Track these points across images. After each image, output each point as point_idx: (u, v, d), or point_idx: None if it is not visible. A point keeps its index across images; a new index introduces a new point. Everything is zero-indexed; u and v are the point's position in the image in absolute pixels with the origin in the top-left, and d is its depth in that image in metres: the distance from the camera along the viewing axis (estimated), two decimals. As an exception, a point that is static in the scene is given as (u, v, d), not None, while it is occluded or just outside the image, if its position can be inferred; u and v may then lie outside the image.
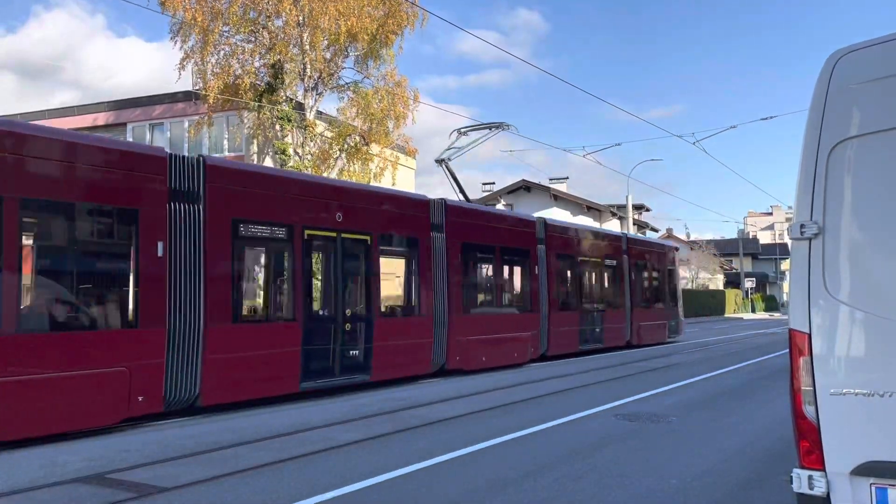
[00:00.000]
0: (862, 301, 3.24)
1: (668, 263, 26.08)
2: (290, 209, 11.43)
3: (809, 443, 3.29)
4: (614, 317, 21.58)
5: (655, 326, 23.97)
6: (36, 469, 6.79)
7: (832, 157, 3.36)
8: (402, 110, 26.66)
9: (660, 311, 24.83)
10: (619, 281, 22.10)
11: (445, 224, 14.88)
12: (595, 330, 20.27)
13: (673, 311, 25.91)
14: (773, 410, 9.82)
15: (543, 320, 17.89)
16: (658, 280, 25.43)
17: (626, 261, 22.45)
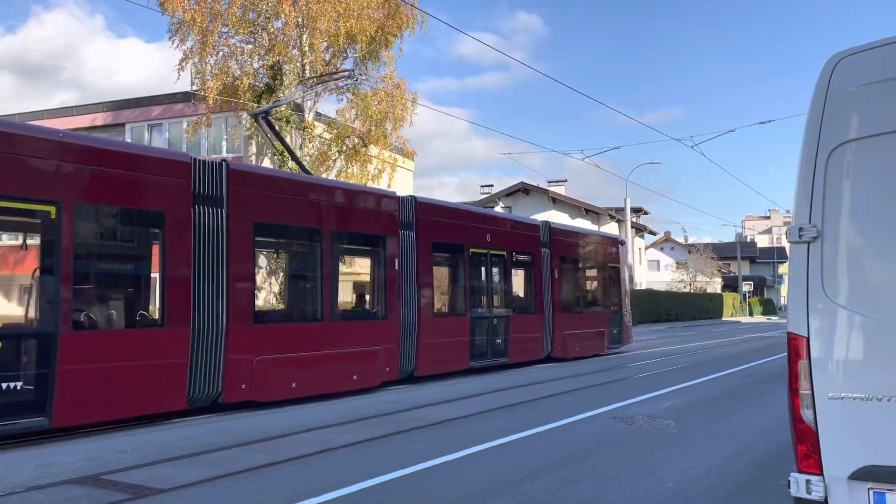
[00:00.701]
0: (860, 305, 3.23)
1: (610, 259, 22.25)
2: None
3: (807, 447, 3.27)
4: (527, 324, 17.64)
5: (589, 335, 20.25)
6: (32, 469, 6.76)
7: (831, 160, 3.36)
8: (400, 112, 26.68)
9: (596, 317, 20.99)
10: (536, 280, 18.09)
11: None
12: (496, 341, 16.29)
13: (616, 316, 22.12)
14: (771, 414, 9.81)
15: (408, 330, 13.68)
16: (595, 279, 21.99)
17: (547, 255, 18.53)
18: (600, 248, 22.01)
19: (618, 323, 22.11)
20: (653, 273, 70.69)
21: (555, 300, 18.61)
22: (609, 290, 21.98)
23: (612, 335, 21.62)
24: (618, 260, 22.59)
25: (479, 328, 15.83)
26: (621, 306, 22.49)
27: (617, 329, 21.97)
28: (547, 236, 18.76)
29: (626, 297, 23.06)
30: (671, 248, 79.68)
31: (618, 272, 22.51)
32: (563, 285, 19.41)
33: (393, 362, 13.18)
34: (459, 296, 15.71)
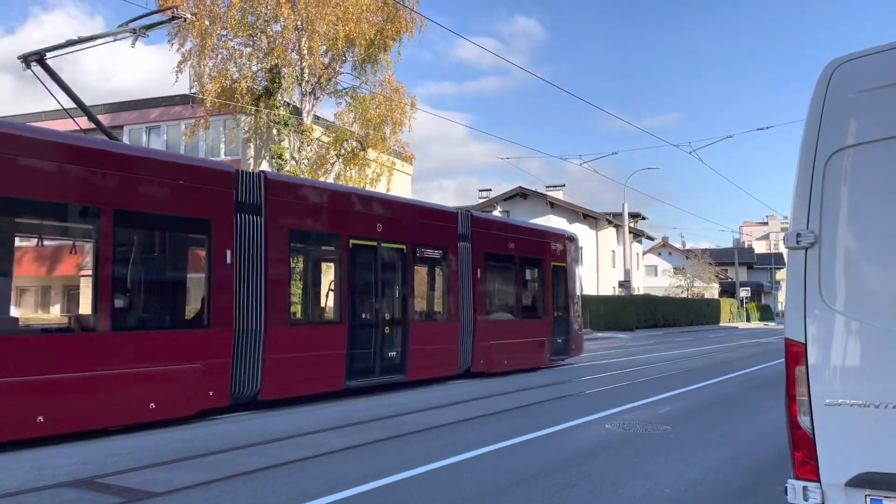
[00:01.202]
0: (858, 311, 3.22)
1: (555, 257, 19.11)
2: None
3: (804, 453, 3.27)
4: (436, 333, 14.77)
5: (524, 346, 17.37)
6: (26, 472, 6.73)
7: (829, 166, 3.36)
8: (399, 116, 26.69)
9: (534, 325, 18.04)
10: (451, 280, 15.10)
11: None
12: (388, 354, 13.21)
13: (561, 323, 19.13)
14: (768, 420, 9.81)
15: (247, 342, 10.54)
16: (534, 280, 18.75)
17: (467, 250, 15.55)
18: (542, 244, 18.95)
19: (563, 331, 19.12)
20: (650, 278, 70.78)
21: (477, 304, 15.56)
22: (553, 293, 18.82)
23: (556, 345, 18.68)
24: (565, 258, 19.56)
25: (361, 339, 12.63)
26: (569, 311, 19.54)
27: (562, 338, 19.01)
28: (467, 228, 15.69)
29: (576, 301, 20.26)
30: (669, 253, 79.80)
31: (564, 272, 19.49)
32: (490, 287, 16.67)
33: (220, 383, 10.11)
34: (332, 299, 12.83)
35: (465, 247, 15.54)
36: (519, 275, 17.69)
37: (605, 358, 22.30)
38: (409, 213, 14.63)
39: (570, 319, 19.60)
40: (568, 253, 19.85)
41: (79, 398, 8.51)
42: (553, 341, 18.53)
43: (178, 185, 9.89)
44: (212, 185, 10.35)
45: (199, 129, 27.01)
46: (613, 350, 26.81)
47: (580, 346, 20.29)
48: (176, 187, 9.86)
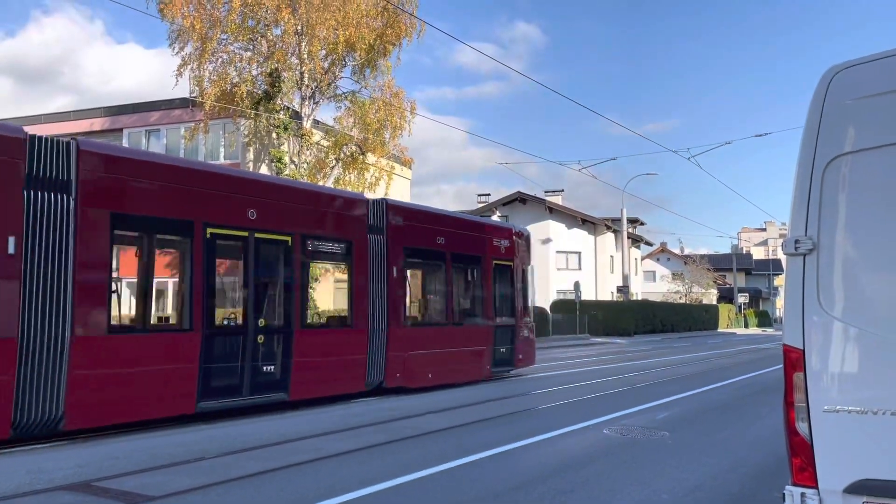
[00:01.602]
0: (856, 317, 3.23)
1: (499, 255, 16.79)
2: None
3: (802, 460, 3.26)
4: (332, 343, 12.45)
5: (457, 356, 14.97)
6: (22, 475, 6.71)
7: (827, 172, 3.36)
8: (398, 121, 26.71)
9: (471, 332, 15.74)
10: (356, 279, 12.68)
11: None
12: (263, 369, 10.79)
13: (505, 330, 16.72)
14: (766, 426, 9.80)
15: (40, 355, 8.23)
16: (471, 281, 16.35)
17: (379, 245, 13.17)
18: (482, 239, 16.52)
19: (508, 339, 16.77)
20: (649, 284, 70.79)
21: (392, 309, 13.22)
22: (495, 296, 16.58)
23: (500, 355, 16.39)
24: (512, 256, 17.20)
25: (222, 350, 10.43)
26: (516, 317, 17.20)
27: (507, 346, 16.68)
28: (381, 219, 13.34)
29: (526, 306, 18.00)
30: (667, 258, 79.84)
31: (510, 273, 17.16)
32: (411, 288, 14.89)
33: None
34: (179, 301, 10.44)
35: (378, 241, 13.14)
36: (450, 275, 15.10)
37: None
38: (298, 198, 12.07)
39: (518, 326, 17.17)
40: (516, 250, 17.46)
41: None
42: (495, 351, 16.18)
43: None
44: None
45: (199, 133, 27.04)
46: (606, 356, 26.79)
47: (530, 356, 17.98)
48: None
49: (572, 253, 53.81)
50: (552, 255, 52.77)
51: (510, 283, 17.22)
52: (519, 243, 17.83)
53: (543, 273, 52.46)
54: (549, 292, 50.42)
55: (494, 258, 16.60)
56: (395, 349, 13.30)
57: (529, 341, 18.04)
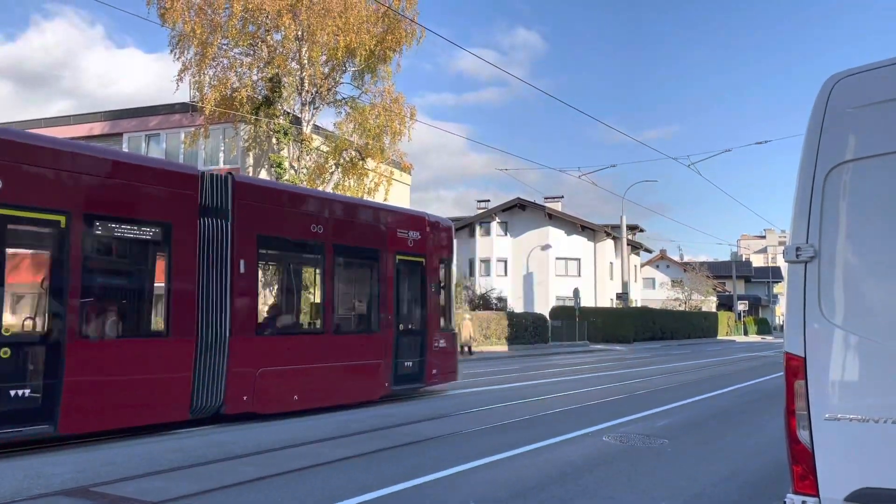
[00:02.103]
0: (857, 325, 3.22)
1: (403, 249, 13.85)
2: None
3: (803, 468, 3.25)
4: (137, 358, 9.42)
5: (337, 373, 12.13)
6: (20, 479, 6.69)
7: (828, 180, 3.36)
8: (398, 127, 26.73)
9: (359, 342, 12.97)
10: (180, 275, 10.04)
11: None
12: (12, 394, 7.95)
13: (413, 339, 14.03)
14: (766, 434, 9.78)
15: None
16: (362, 280, 13.80)
17: (219, 233, 10.41)
18: (379, 230, 13.44)
19: (416, 349, 13.99)
20: (648, 291, 70.80)
21: (237, 312, 10.50)
22: (398, 299, 13.76)
23: (405, 369, 13.62)
24: (423, 250, 14.36)
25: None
26: (427, 323, 14.39)
27: (415, 359, 13.91)
28: (223, 198, 10.52)
29: (445, 310, 15.28)
30: (667, 266, 79.89)
31: (421, 270, 14.35)
32: (269, 287, 12.88)
33: None
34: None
35: (217, 226, 10.34)
36: (330, 271, 12.24)
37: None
38: (78, 164, 8.93)
39: (430, 334, 14.30)
40: (429, 244, 14.56)
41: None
42: (398, 364, 13.39)
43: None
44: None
45: (199, 138, 27.07)
46: (605, 363, 26.75)
47: (448, 370, 14.98)
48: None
49: (572, 259, 53.83)
50: (552, 262, 52.78)
51: (421, 282, 14.36)
52: (435, 236, 14.83)
53: (543, 279, 52.49)
54: (548, 299, 50.43)
55: (398, 253, 13.69)
56: (241, 364, 10.43)
57: (447, 353, 14.94)
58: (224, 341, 10.29)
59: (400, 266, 13.79)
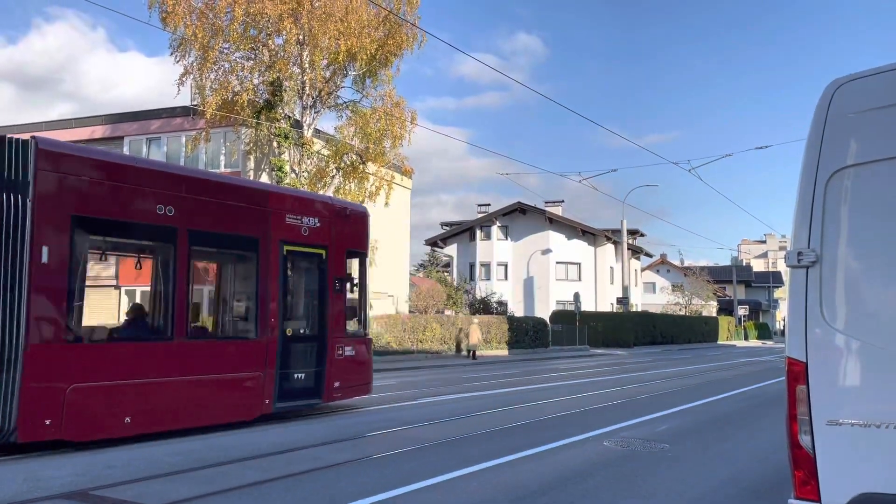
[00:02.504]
0: (859, 330, 3.22)
1: (294, 237, 11.50)
2: None
3: (805, 473, 3.25)
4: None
5: (189, 387, 9.80)
6: (20, 483, 6.68)
7: (830, 185, 3.37)
8: (399, 131, 26.74)
9: (223, 349, 10.77)
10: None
11: None
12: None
13: (305, 346, 11.78)
14: (767, 439, 9.77)
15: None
16: (233, 272, 12.18)
17: (12, 209, 8.20)
18: (263, 213, 11.14)
19: (312, 358, 11.69)
20: (648, 295, 70.80)
21: (35, 313, 8.29)
22: (286, 297, 11.59)
23: (294, 382, 11.34)
24: (323, 240, 11.99)
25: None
26: (325, 327, 11.96)
27: (308, 370, 11.60)
28: (17, 166, 8.31)
29: (353, 311, 12.99)
30: (667, 270, 79.88)
31: (321, 264, 12.00)
32: (88, 282, 10.10)
33: None
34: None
35: (8, 203, 8.15)
36: (183, 263, 9.96)
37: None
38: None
39: (331, 340, 11.92)
40: (333, 233, 12.17)
41: None
42: (283, 377, 11.10)
43: None
44: None
45: (200, 142, 27.10)
46: (604, 367, 26.73)
47: (357, 382, 12.63)
48: None
49: (572, 264, 53.85)
50: (552, 266, 52.81)
51: (319, 279, 12.04)
52: (342, 224, 12.42)
53: (543, 283, 52.49)
54: (548, 303, 50.43)
55: (287, 242, 11.38)
56: (43, 380, 8.29)
57: (357, 362, 12.64)
58: (15, 351, 8.01)
59: (289, 258, 11.53)
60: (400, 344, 28.46)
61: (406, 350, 28.63)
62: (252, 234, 10.98)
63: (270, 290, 11.06)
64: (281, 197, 12.19)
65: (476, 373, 22.31)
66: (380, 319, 29.04)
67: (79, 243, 9.01)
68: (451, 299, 44.26)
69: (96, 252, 10.66)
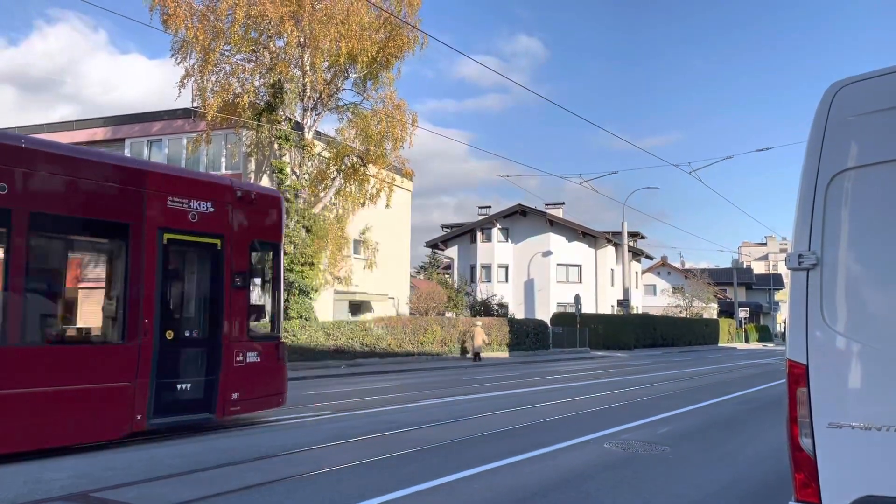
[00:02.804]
0: (859, 332, 3.22)
1: (179, 224, 9.90)
2: None
3: (805, 476, 3.25)
4: None
5: (24, 401, 8.06)
6: (20, 485, 6.68)
7: (831, 187, 3.37)
8: (400, 133, 26.76)
9: (82, 356, 9.08)
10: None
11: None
12: None
13: (195, 350, 10.19)
14: (768, 441, 9.76)
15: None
16: (93, 264, 10.70)
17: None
18: (136, 194, 9.49)
19: (201, 366, 10.06)
20: (649, 297, 70.75)
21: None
22: (170, 294, 10.14)
23: (176, 393, 9.65)
24: (219, 228, 10.35)
25: None
26: (220, 329, 10.30)
27: (197, 379, 9.96)
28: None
29: (259, 310, 11.56)
30: (668, 272, 79.85)
31: (217, 255, 10.36)
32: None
33: None
34: None
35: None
36: (19, 251, 8.34)
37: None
38: None
39: (228, 344, 10.28)
40: (233, 221, 10.56)
41: None
42: (161, 387, 9.45)
43: None
44: None
45: (201, 144, 27.13)
46: (605, 370, 26.71)
47: (265, 393, 11.02)
48: None
49: (573, 266, 53.85)
50: (553, 268, 52.80)
51: (212, 272, 10.40)
52: (246, 210, 10.80)
53: (544, 286, 52.49)
54: (549, 305, 50.42)
55: (168, 230, 9.74)
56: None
57: (265, 370, 10.93)
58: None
59: (171, 249, 9.91)
60: (400, 346, 28.48)
61: (407, 352, 28.64)
62: (120, 220, 9.30)
63: (144, 286, 9.38)
64: (160, 177, 10.03)
65: (476, 375, 22.30)
66: (380, 321, 29.07)
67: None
68: (451, 301, 44.28)
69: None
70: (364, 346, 26.83)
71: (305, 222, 25.75)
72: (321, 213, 26.76)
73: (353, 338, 26.46)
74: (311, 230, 25.89)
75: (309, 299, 25.97)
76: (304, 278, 25.54)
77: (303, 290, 25.64)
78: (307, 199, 26.50)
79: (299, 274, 25.36)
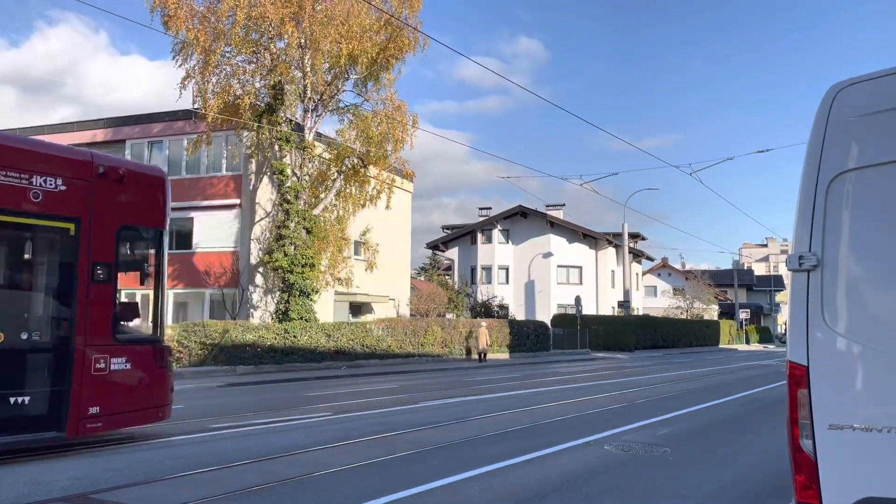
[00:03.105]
0: (860, 334, 3.22)
1: (10, 204, 7.97)
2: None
3: (806, 477, 3.24)
4: None
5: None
6: (21, 486, 6.68)
7: (831, 189, 3.36)
8: (400, 134, 26.75)
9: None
10: None
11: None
12: None
13: (35, 356, 8.22)
14: (768, 443, 9.75)
15: None
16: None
17: None
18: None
19: (44, 375, 8.28)
20: (650, 299, 70.70)
21: None
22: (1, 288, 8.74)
23: (10, 409, 7.85)
24: (75, 210, 8.58)
25: None
26: (74, 330, 8.47)
27: (38, 391, 8.17)
28: None
29: (129, 308, 10.12)
30: (668, 274, 79.80)
31: (70, 242, 8.59)
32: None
33: None
34: None
35: None
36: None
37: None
38: None
39: (81, 349, 8.46)
40: (94, 201, 8.75)
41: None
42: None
43: None
44: None
45: (202, 145, 27.14)
46: (604, 371, 26.69)
47: (132, 407, 9.14)
48: None
49: (573, 267, 53.82)
50: (553, 270, 52.77)
51: (63, 263, 8.76)
52: (106, 189, 8.95)
53: (544, 287, 52.45)
54: (549, 306, 50.40)
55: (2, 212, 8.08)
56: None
57: (138, 379, 9.27)
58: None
59: (4, 234, 8.53)
60: (401, 347, 28.47)
61: (407, 353, 28.63)
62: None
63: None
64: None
65: (477, 377, 22.28)
66: (381, 323, 29.07)
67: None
68: (452, 303, 44.25)
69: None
70: (364, 348, 26.83)
71: (306, 224, 25.77)
72: (322, 214, 26.77)
73: (353, 339, 26.46)
74: (312, 231, 25.90)
75: (309, 301, 25.97)
76: (305, 280, 25.54)
77: (303, 292, 25.64)
78: (308, 200, 26.50)
79: (300, 275, 25.37)
